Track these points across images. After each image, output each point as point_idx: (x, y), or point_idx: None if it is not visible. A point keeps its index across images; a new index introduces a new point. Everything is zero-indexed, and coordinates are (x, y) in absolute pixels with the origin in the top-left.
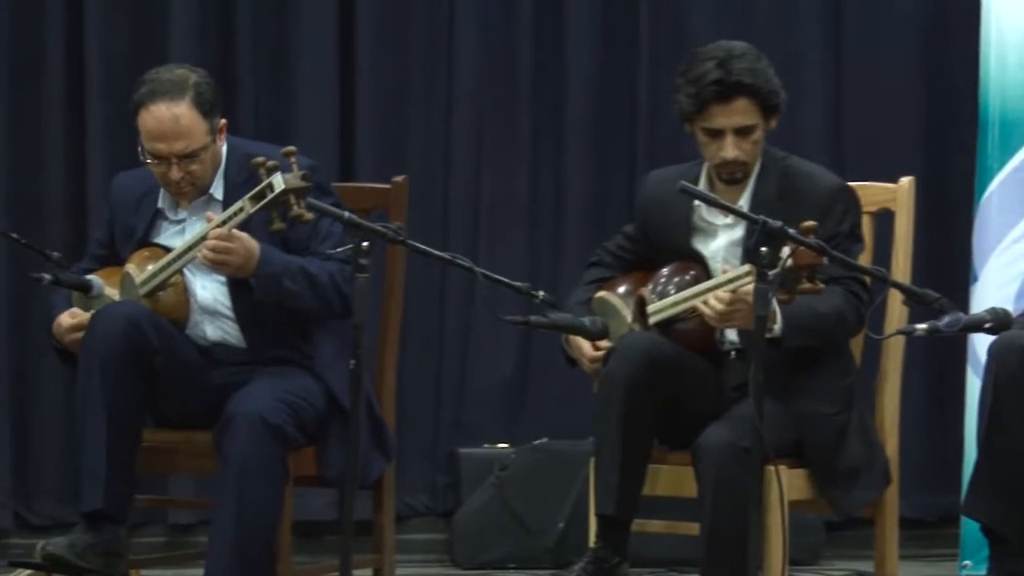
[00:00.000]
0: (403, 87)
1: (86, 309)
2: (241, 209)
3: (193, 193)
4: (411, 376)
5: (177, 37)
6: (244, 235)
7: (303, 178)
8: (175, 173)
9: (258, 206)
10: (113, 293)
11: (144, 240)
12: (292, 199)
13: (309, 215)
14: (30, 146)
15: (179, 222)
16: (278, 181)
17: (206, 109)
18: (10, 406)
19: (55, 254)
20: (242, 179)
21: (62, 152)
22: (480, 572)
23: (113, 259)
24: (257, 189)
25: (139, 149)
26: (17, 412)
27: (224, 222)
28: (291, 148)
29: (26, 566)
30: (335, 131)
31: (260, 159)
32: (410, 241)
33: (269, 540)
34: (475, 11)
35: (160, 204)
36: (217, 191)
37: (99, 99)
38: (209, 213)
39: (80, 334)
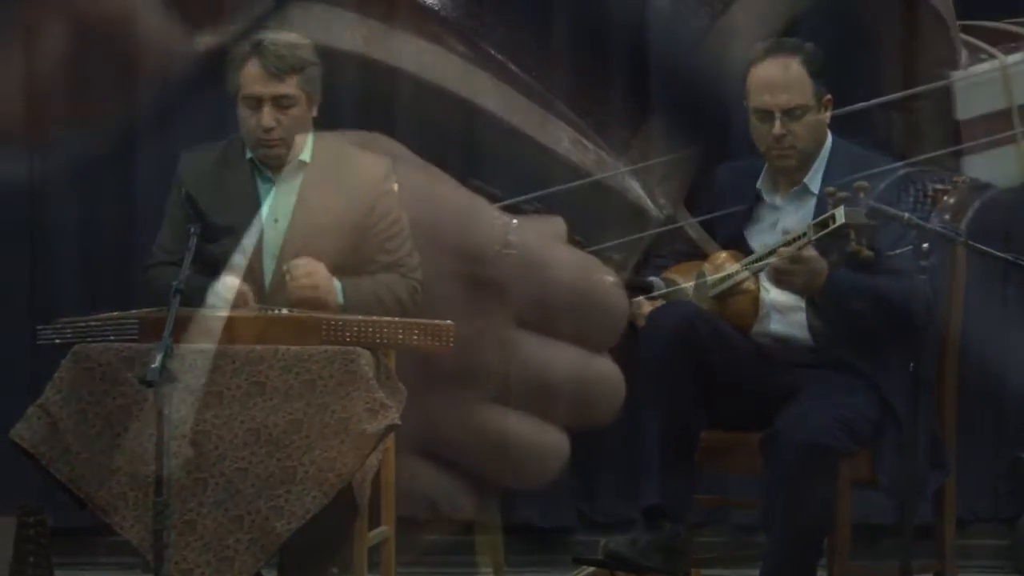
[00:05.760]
0: None
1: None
2: (804, 234)
3: (794, 161)
4: (973, 380)
5: None
6: (812, 257)
7: (867, 215)
8: (778, 128)
9: (819, 234)
10: (688, 287)
11: (745, 222)
12: (852, 234)
13: (868, 252)
14: None
15: (775, 209)
16: (840, 214)
17: (814, 71)
18: None
19: (616, 256)
20: (842, 182)
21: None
22: None
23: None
24: (822, 218)
25: (747, 121)
26: None
27: (789, 243)
28: (864, 184)
29: (590, 563)
30: None
31: (831, 189)
32: (971, 242)
33: (821, 546)
34: None
35: (759, 184)
36: (813, 184)
37: None
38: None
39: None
